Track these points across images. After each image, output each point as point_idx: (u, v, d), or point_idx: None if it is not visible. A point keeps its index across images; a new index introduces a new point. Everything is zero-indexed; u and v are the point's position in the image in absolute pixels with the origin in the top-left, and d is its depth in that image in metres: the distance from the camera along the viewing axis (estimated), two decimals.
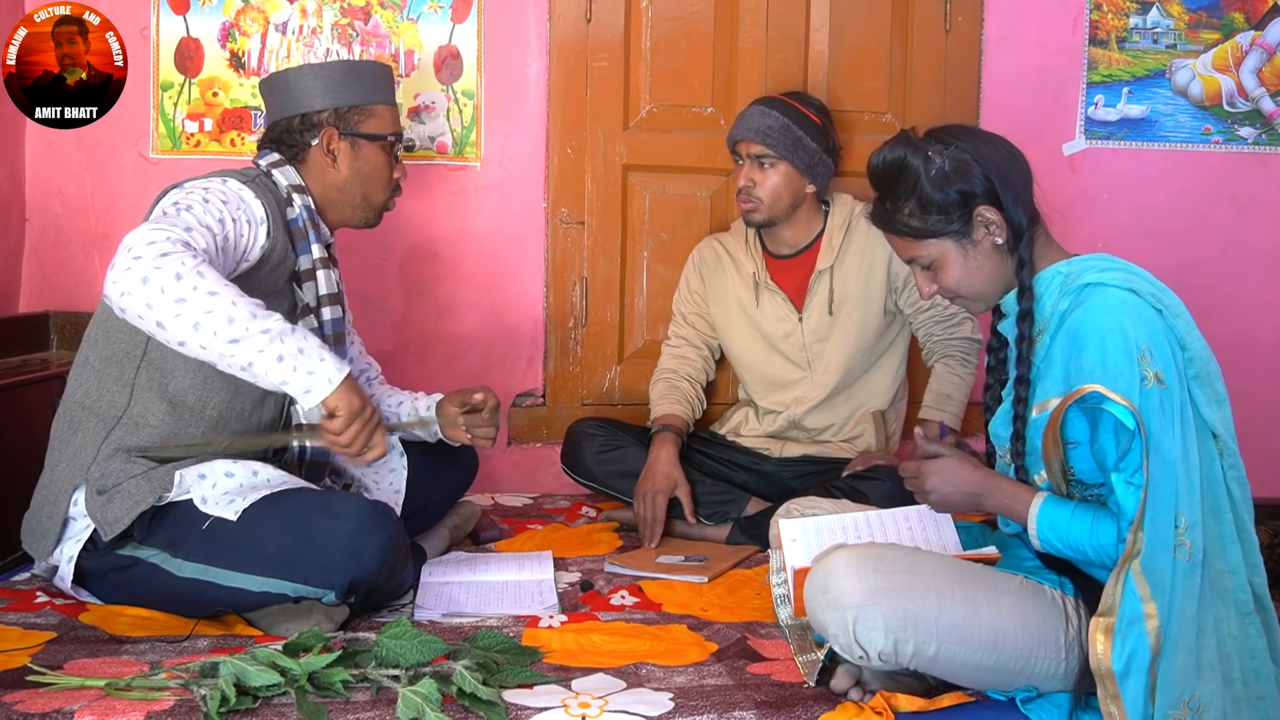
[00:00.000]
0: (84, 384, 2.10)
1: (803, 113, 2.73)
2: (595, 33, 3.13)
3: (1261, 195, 3.32)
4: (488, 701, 1.64)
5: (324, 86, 2.24)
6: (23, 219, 3.05)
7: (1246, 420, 3.23)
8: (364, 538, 1.96)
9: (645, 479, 2.67)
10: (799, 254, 2.83)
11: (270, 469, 2.09)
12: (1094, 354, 1.63)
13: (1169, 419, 1.60)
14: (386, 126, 2.30)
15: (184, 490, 2.01)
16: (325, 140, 2.23)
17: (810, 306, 2.79)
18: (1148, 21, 3.25)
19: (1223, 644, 1.63)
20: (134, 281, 1.79)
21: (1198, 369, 1.67)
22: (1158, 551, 1.58)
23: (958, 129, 1.82)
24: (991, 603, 1.67)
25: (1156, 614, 1.57)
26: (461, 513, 2.61)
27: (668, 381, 2.90)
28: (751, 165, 2.72)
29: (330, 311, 2.23)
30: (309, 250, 2.18)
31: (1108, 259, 1.73)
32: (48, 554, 2.07)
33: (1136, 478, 1.60)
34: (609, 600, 2.24)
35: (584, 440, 2.83)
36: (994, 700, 1.74)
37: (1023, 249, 1.75)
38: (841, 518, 2.00)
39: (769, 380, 2.86)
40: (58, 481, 2.07)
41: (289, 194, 2.18)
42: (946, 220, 1.76)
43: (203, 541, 1.98)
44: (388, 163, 2.31)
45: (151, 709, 1.60)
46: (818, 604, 1.69)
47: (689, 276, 2.96)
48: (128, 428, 2.06)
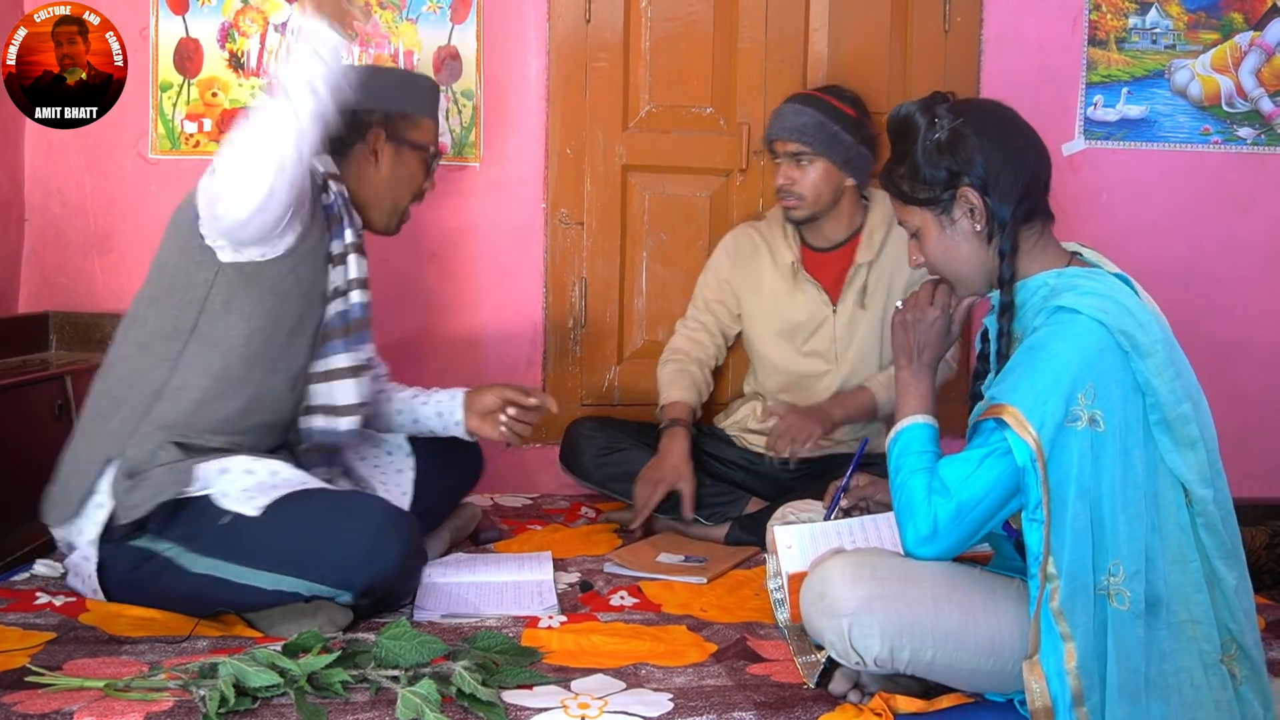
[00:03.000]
0: (129, 360, 2.12)
1: (836, 107, 2.72)
2: (594, 33, 3.13)
3: (1260, 195, 3.32)
4: (487, 702, 1.64)
5: (380, 90, 2.29)
6: (22, 219, 3.05)
7: (1246, 420, 3.27)
8: (384, 539, 1.97)
9: (653, 467, 2.68)
10: (837, 248, 2.82)
11: (289, 469, 2.11)
12: (1027, 378, 1.61)
13: (1098, 463, 1.58)
14: (429, 139, 2.36)
15: (204, 485, 2.02)
16: (373, 140, 2.28)
17: (845, 299, 2.78)
18: (1147, 22, 3.25)
19: (1183, 694, 1.59)
20: (224, 170, 1.91)
21: (1163, 414, 1.61)
22: (1076, 594, 1.57)
23: (984, 107, 1.78)
24: (989, 608, 1.67)
25: (1076, 654, 1.56)
26: (463, 515, 2.61)
27: (678, 364, 2.89)
28: (789, 163, 2.71)
29: (359, 295, 2.26)
30: (342, 235, 2.22)
31: (1095, 277, 1.68)
32: (67, 520, 2.08)
33: (1037, 513, 1.59)
34: (608, 601, 2.24)
35: (583, 442, 2.83)
36: (992, 702, 1.74)
37: (1003, 241, 1.71)
38: (836, 523, 2.01)
39: (790, 374, 2.84)
40: (92, 452, 2.08)
41: (325, 180, 2.22)
42: (930, 191, 1.73)
43: (221, 537, 1.99)
44: (423, 173, 2.37)
45: (151, 710, 1.60)
46: (814, 610, 1.69)
47: (719, 263, 2.94)
48: (169, 401, 2.08)
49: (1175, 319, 1.74)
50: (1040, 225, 1.76)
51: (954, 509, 1.65)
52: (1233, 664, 1.63)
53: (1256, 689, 1.64)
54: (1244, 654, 1.64)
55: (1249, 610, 1.67)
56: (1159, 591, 1.60)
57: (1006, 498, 1.64)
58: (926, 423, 1.77)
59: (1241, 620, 1.64)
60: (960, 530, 1.66)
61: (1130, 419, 1.60)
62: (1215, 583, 1.63)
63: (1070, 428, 1.58)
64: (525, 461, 3.20)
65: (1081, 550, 1.57)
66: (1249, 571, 1.73)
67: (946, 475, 1.66)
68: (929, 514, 1.66)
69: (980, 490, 1.64)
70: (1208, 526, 1.63)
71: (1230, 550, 1.64)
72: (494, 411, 2.39)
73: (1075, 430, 1.58)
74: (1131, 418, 1.60)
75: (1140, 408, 1.61)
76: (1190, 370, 1.67)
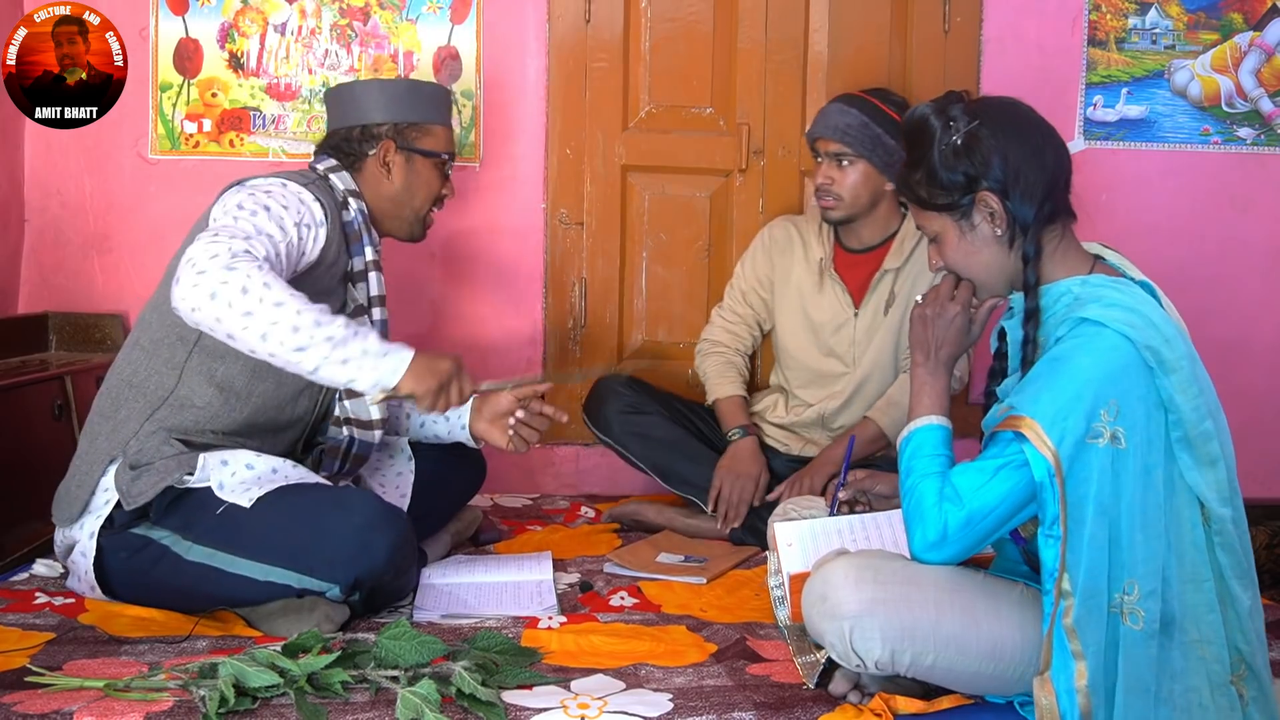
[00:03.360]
0: (133, 363, 2.14)
1: (881, 110, 2.69)
2: (594, 33, 3.13)
3: (1260, 196, 3.32)
4: (487, 702, 1.64)
5: (387, 102, 2.32)
6: (22, 219, 3.05)
7: (1246, 420, 3.26)
8: (373, 533, 1.98)
9: (734, 461, 2.70)
10: (869, 250, 2.81)
11: (289, 465, 2.12)
12: (1049, 391, 1.58)
13: (1117, 481, 1.56)
14: (441, 145, 2.38)
15: (205, 476, 2.04)
16: (383, 152, 2.31)
17: (868, 303, 2.78)
18: (1146, 22, 3.25)
19: (1191, 714, 1.58)
20: (202, 297, 1.85)
21: (1185, 431, 1.59)
22: (1090, 611, 1.55)
23: (1000, 106, 1.73)
24: (991, 613, 1.66)
25: (1087, 673, 1.55)
26: (464, 518, 2.61)
27: (722, 356, 2.90)
28: (830, 163, 2.70)
29: (379, 312, 2.31)
30: (362, 252, 2.26)
31: (1120, 287, 1.65)
32: (73, 520, 2.09)
33: (1054, 529, 1.57)
34: (608, 601, 2.24)
35: (610, 395, 2.83)
36: (992, 703, 1.74)
37: (1026, 245, 1.68)
38: (838, 520, 2.00)
39: (810, 371, 2.84)
40: (95, 452, 2.10)
41: (345, 198, 2.26)
42: (949, 197, 1.69)
43: (214, 526, 2.01)
44: (438, 179, 2.39)
45: (151, 710, 1.60)
46: (815, 612, 1.68)
47: (756, 255, 2.93)
48: (173, 408, 2.10)
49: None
50: (1062, 227, 1.72)
51: (965, 517, 1.63)
52: (1241, 684, 1.62)
53: (1264, 710, 1.63)
54: (1253, 675, 1.62)
55: (1260, 631, 1.65)
56: (1173, 611, 1.58)
57: (1018, 509, 1.63)
58: (940, 424, 1.74)
59: (1254, 641, 1.62)
60: (969, 538, 1.64)
61: (1152, 436, 1.58)
62: (1229, 602, 1.61)
63: (1092, 444, 1.56)
64: (525, 461, 3.20)
65: (1098, 568, 1.55)
66: None
67: (960, 483, 1.64)
68: (939, 520, 1.64)
69: (993, 501, 1.62)
70: (1225, 546, 1.61)
71: (1245, 571, 1.63)
72: (505, 414, 2.38)
73: (1097, 447, 1.56)
74: (1154, 434, 1.58)
75: (1162, 424, 1.59)
76: (1211, 386, 1.64)
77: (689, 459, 2.76)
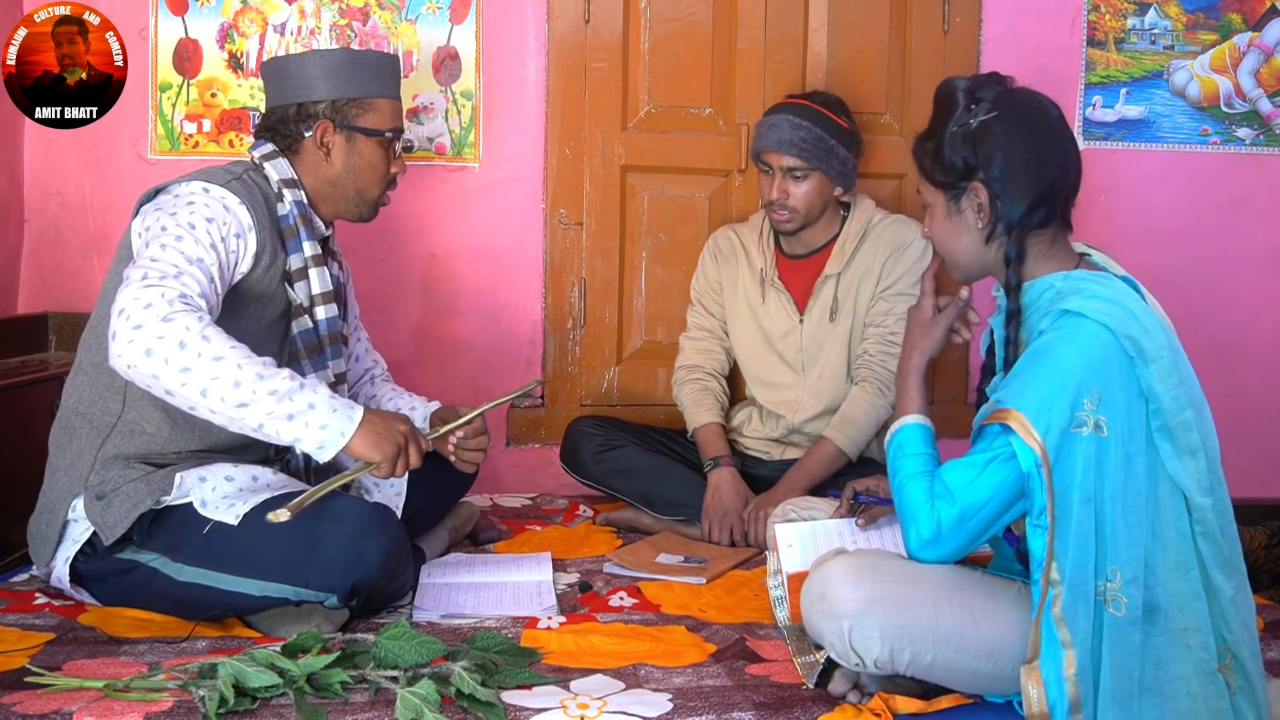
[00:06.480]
0: (78, 390, 2.08)
1: (832, 119, 2.68)
2: (594, 33, 3.13)
3: (1259, 196, 3.33)
4: (486, 703, 1.64)
5: (324, 75, 2.16)
6: (21, 219, 3.05)
7: (1244, 420, 3.27)
8: (365, 541, 1.96)
9: (716, 499, 2.65)
10: (810, 255, 2.81)
11: (270, 473, 2.09)
12: (1033, 384, 1.60)
13: (1101, 469, 1.57)
14: (385, 121, 2.22)
15: (183, 493, 2.00)
16: (319, 133, 2.17)
17: (812, 310, 2.78)
18: (1145, 23, 3.25)
19: (1178, 702, 1.59)
20: (138, 354, 1.77)
21: (1165, 420, 1.60)
22: (1078, 600, 1.56)
23: (1028, 106, 1.74)
24: (990, 612, 1.67)
25: (1075, 661, 1.56)
26: (461, 514, 2.60)
27: (699, 383, 2.88)
28: (783, 177, 2.67)
29: (325, 310, 2.19)
30: (300, 249, 2.14)
31: (1101, 280, 1.67)
32: (47, 562, 2.07)
33: (1041, 519, 1.58)
34: (607, 601, 2.24)
35: (582, 439, 2.83)
36: (991, 703, 1.74)
37: (1009, 247, 1.70)
38: (837, 521, 2.01)
39: (764, 381, 2.85)
40: (56, 489, 2.06)
41: (279, 189, 2.14)
42: (946, 177, 1.73)
43: (203, 546, 1.97)
44: (384, 158, 2.23)
45: (150, 710, 1.60)
46: (815, 611, 1.69)
47: (705, 263, 2.94)
48: (123, 435, 2.04)
49: (1173, 319, 1.73)
50: (1053, 233, 1.73)
51: (958, 513, 1.64)
52: (1228, 674, 1.62)
53: (1250, 700, 1.63)
54: (1239, 665, 1.63)
55: (1246, 621, 1.65)
56: (1158, 598, 1.59)
57: (1010, 502, 1.64)
58: (920, 423, 1.77)
59: (1237, 630, 1.63)
60: (964, 534, 1.65)
61: (1133, 425, 1.60)
62: (1212, 592, 1.62)
63: (1075, 433, 1.58)
64: (525, 461, 3.20)
65: (1084, 556, 1.57)
66: (1248, 572, 1.72)
67: (950, 479, 1.66)
68: (932, 518, 1.66)
69: (984, 495, 1.63)
70: (1205, 535, 1.61)
71: (1228, 560, 1.63)
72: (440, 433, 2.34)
73: (1080, 436, 1.58)
74: (1134, 423, 1.60)
75: (1143, 414, 1.61)
76: (1194, 377, 1.65)
77: (671, 481, 2.74)
